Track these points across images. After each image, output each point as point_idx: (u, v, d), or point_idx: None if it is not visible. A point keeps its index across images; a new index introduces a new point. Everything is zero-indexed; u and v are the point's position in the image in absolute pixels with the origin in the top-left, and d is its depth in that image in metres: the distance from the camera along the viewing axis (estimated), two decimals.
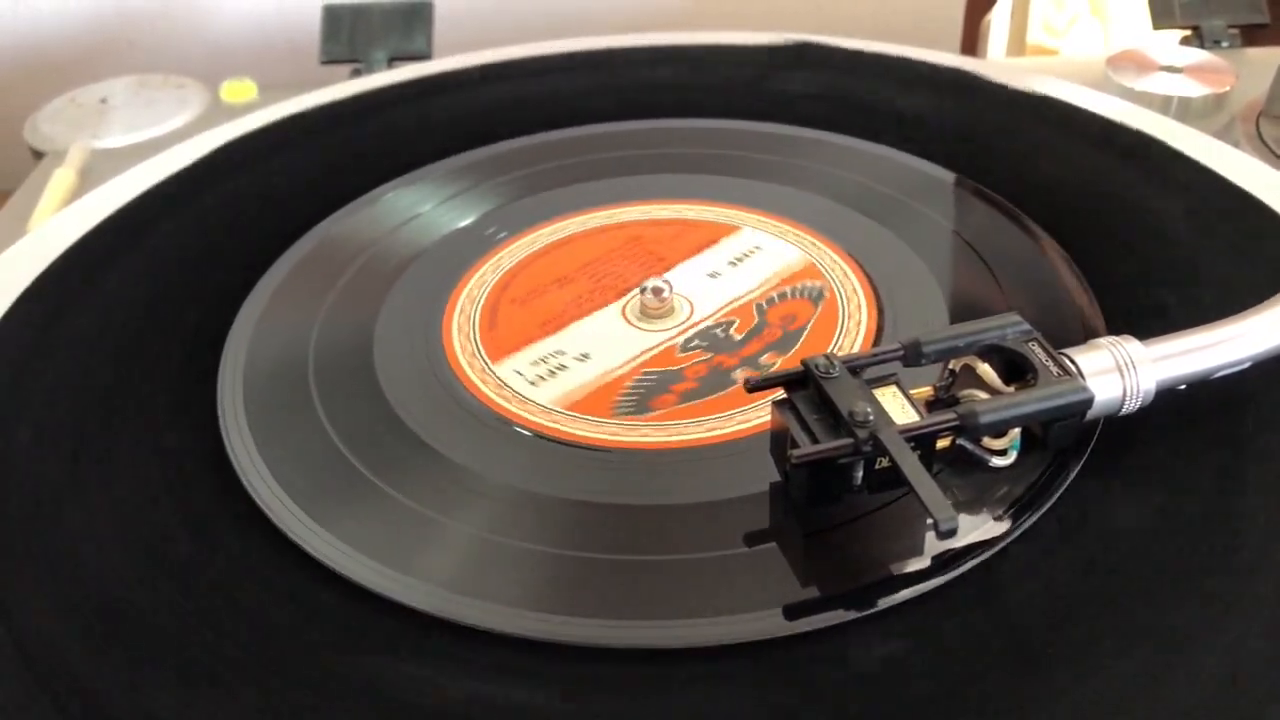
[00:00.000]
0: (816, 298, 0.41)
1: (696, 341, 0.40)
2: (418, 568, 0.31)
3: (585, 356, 0.40)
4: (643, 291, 0.42)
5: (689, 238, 0.46)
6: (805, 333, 0.40)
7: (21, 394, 0.38)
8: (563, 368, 0.39)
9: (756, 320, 0.41)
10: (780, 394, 0.32)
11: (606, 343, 0.40)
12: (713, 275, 0.43)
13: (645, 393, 0.38)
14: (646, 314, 0.41)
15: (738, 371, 0.38)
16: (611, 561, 0.31)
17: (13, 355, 0.40)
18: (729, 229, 0.46)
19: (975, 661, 0.28)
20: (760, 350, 0.39)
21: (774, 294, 0.42)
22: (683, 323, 0.41)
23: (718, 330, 0.41)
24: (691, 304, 0.42)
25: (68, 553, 0.32)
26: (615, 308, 0.42)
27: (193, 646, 0.29)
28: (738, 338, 0.40)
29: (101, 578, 0.31)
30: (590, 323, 0.42)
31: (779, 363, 0.38)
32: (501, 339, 0.41)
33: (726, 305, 0.42)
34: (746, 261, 0.44)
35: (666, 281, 0.42)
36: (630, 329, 0.41)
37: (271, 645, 0.29)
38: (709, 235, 0.46)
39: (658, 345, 0.40)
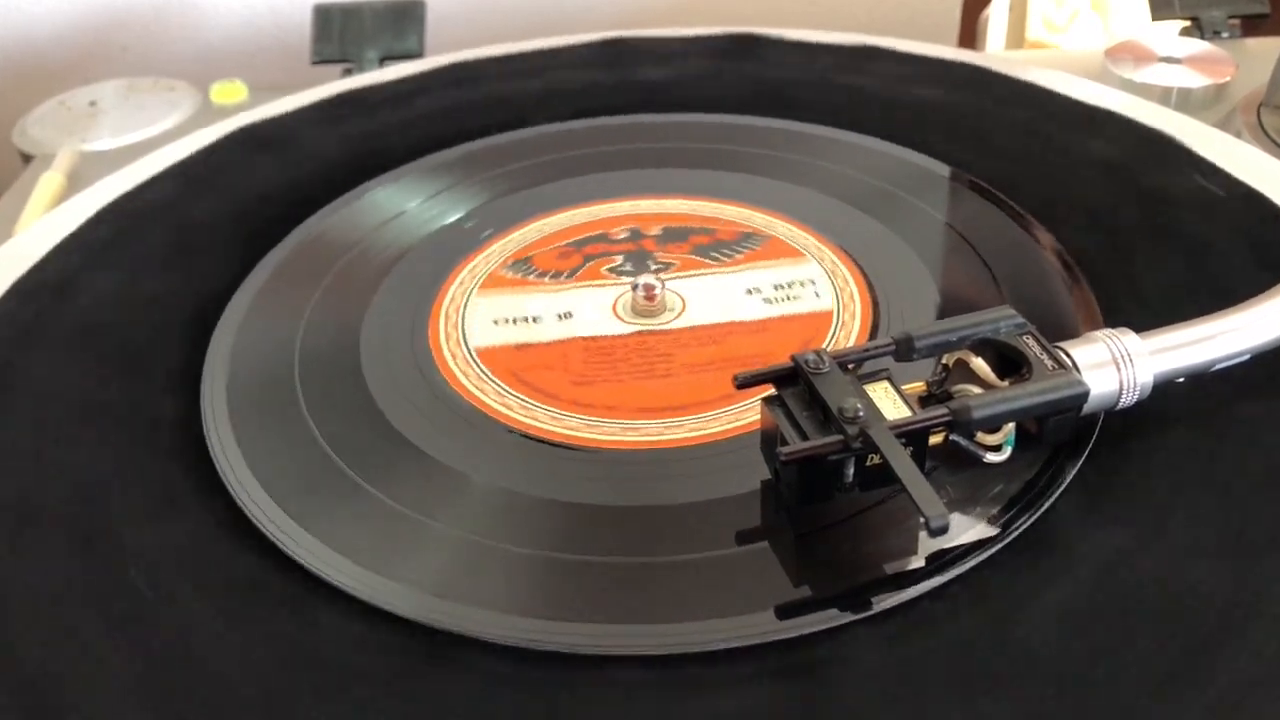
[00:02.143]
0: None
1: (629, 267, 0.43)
2: (404, 572, 0.31)
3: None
4: (635, 289, 0.41)
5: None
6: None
7: (4, 397, 0.38)
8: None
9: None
10: (771, 391, 0.31)
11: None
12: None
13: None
14: (636, 310, 0.41)
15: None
16: (599, 564, 0.31)
17: None
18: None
19: (971, 662, 0.27)
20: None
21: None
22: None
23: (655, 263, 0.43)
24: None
25: (47, 554, 0.32)
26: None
27: (176, 649, 0.28)
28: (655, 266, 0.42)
29: (79, 578, 0.31)
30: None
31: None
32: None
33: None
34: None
35: (659, 279, 0.41)
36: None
37: (256, 651, 0.28)
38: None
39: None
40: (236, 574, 0.31)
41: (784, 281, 0.42)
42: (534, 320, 0.41)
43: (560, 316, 0.41)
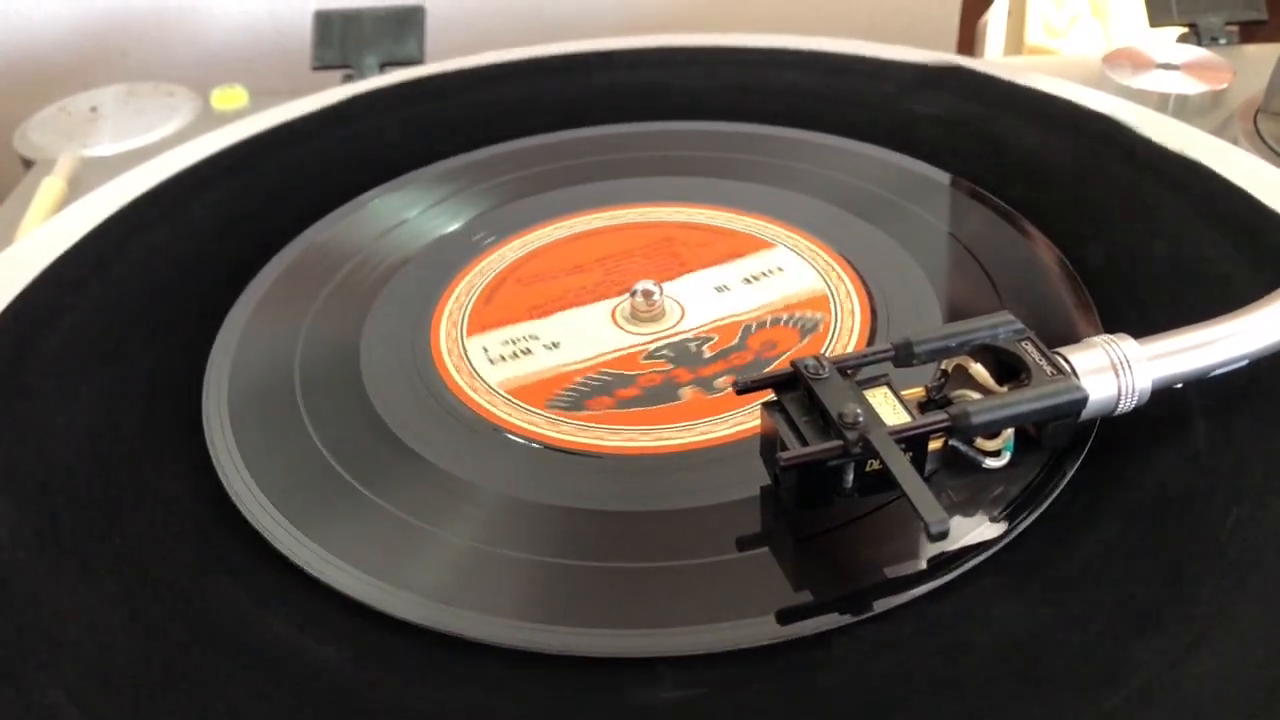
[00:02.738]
0: (808, 329, 0.40)
1: (665, 351, 0.40)
2: (406, 578, 0.31)
3: (555, 345, 0.40)
4: (633, 294, 0.41)
5: (718, 246, 0.45)
6: (775, 361, 0.39)
7: (6, 404, 0.38)
8: (527, 352, 0.40)
9: (736, 341, 0.40)
10: (771, 396, 0.31)
11: (582, 337, 0.40)
12: (720, 289, 0.42)
13: (588, 392, 0.38)
14: (636, 316, 0.41)
15: (687, 389, 0.37)
16: (601, 569, 0.31)
17: None
18: (762, 244, 0.45)
19: (970, 667, 0.27)
20: (722, 371, 0.38)
21: (768, 318, 0.41)
22: (668, 329, 0.41)
23: (691, 343, 0.40)
24: (683, 310, 0.41)
25: (49, 564, 0.32)
26: (608, 305, 0.42)
27: (177, 657, 0.29)
28: (707, 355, 0.39)
29: (78, 580, 0.31)
30: (577, 314, 0.42)
31: (727, 389, 0.37)
32: (490, 314, 0.41)
33: (717, 320, 0.41)
34: (763, 281, 0.43)
35: (657, 285, 0.41)
36: (612, 328, 0.41)
37: (258, 657, 0.29)
38: (738, 247, 0.45)
39: (628, 348, 0.40)
40: (238, 580, 0.31)
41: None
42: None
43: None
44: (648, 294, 0.41)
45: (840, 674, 0.27)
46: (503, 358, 0.39)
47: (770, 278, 0.43)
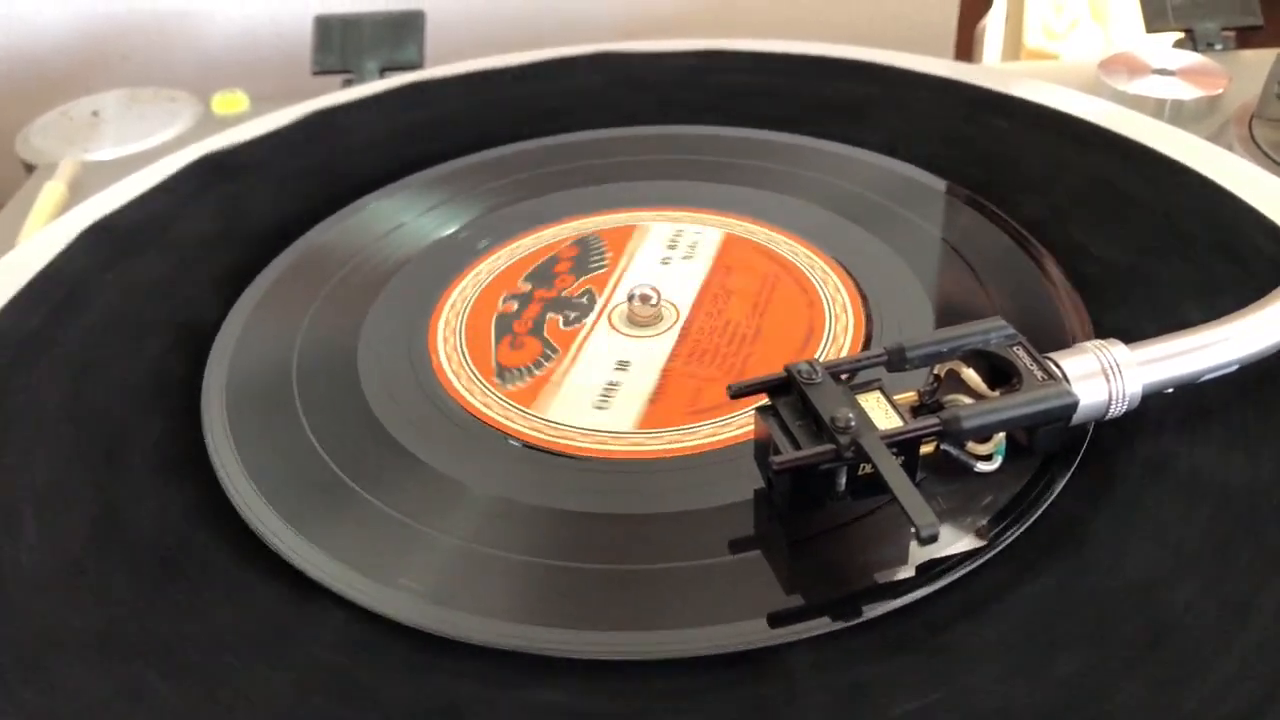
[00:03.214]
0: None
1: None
2: (403, 579, 0.31)
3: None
4: (630, 299, 0.41)
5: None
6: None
7: (7, 405, 0.38)
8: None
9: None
10: (764, 400, 0.32)
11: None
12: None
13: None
14: (633, 320, 0.41)
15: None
16: (594, 571, 0.31)
17: None
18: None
19: (960, 672, 0.27)
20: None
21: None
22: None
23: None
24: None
25: (49, 558, 0.32)
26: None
27: (172, 655, 0.29)
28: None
29: (75, 579, 0.31)
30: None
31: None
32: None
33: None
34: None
35: (654, 290, 0.42)
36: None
37: (253, 655, 0.29)
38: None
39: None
40: (234, 580, 0.31)
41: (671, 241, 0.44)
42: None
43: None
44: (645, 298, 0.41)
45: (831, 677, 0.28)
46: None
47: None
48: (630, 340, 0.41)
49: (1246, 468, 0.32)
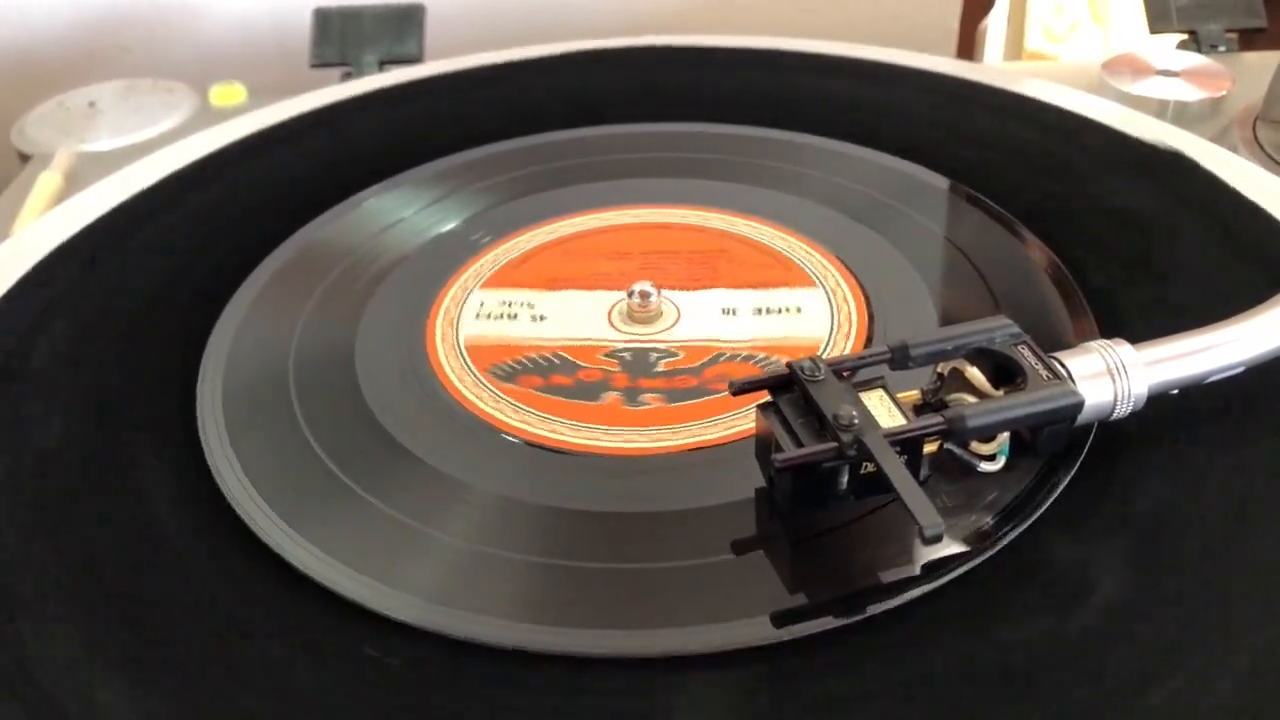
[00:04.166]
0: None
1: (625, 354, 0.39)
2: (402, 578, 0.31)
3: (541, 318, 0.41)
4: (630, 295, 0.41)
5: (756, 266, 0.44)
6: (719, 395, 0.37)
7: (1, 398, 0.38)
8: (513, 316, 0.41)
9: (695, 365, 0.39)
10: (767, 398, 0.31)
11: (570, 318, 0.41)
12: (728, 312, 0.42)
13: (529, 369, 0.38)
14: (631, 316, 0.41)
15: (611, 395, 0.37)
16: (596, 570, 0.31)
17: None
18: (803, 280, 0.43)
19: (963, 672, 0.27)
20: (659, 389, 0.37)
21: (744, 353, 0.40)
22: (655, 333, 0.40)
23: (654, 354, 0.39)
24: (679, 316, 0.41)
25: (40, 560, 0.32)
26: (610, 297, 0.42)
27: (171, 657, 0.28)
28: (658, 369, 0.39)
29: (70, 579, 0.31)
30: (580, 297, 0.42)
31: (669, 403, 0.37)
32: (510, 275, 0.43)
33: (701, 340, 0.40)
34: (773, 316, 0.41)
35: (655, 288, 0.41)
36: (604, 321, 0.41)
37: (252, 656, 0.28)
38: (775, 277, 0.43)
39: (598, 339, 0.40)
40: (231, 579, 0.31)
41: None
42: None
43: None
44: (644, 295, 0.41)
45: (833, 677, 0.27)
46: (490, 315, 0.40)
47: (784, 315, 0.41)
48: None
49: (1253, 471, 0.32)
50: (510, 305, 0.42)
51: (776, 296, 0.42)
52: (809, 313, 0.41)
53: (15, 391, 0.38)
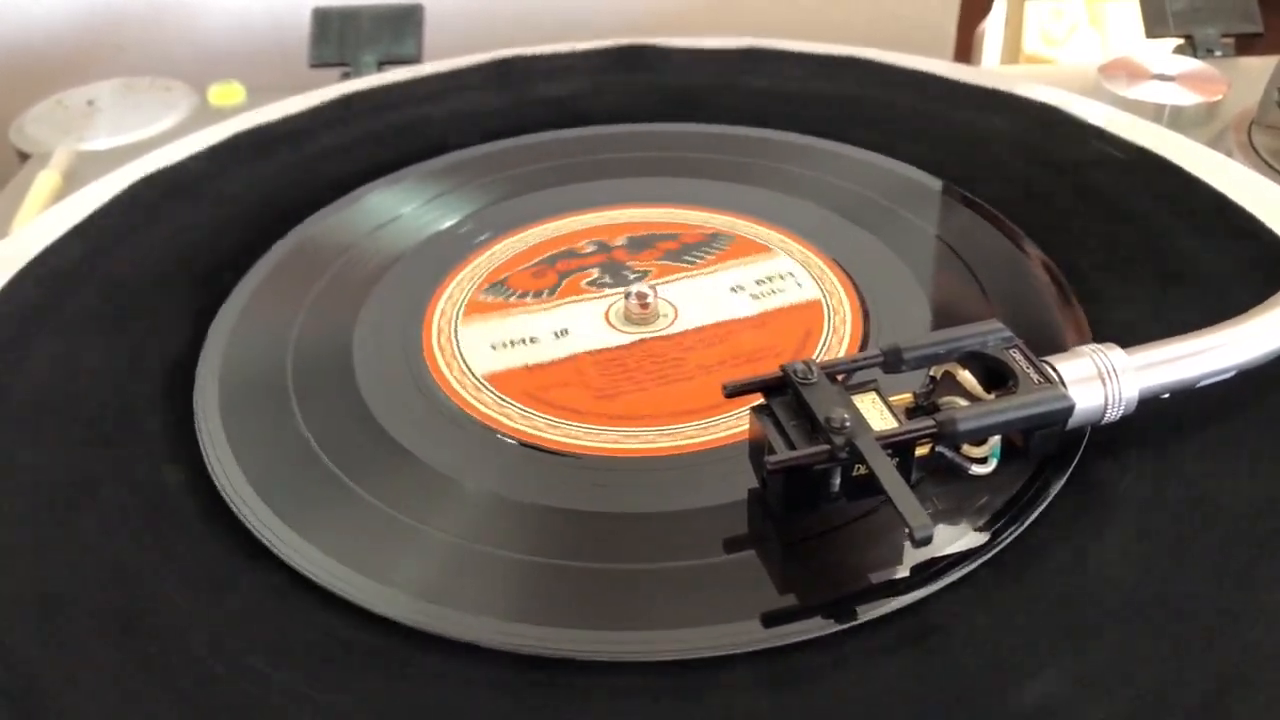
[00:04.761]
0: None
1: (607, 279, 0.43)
2: (396, 576, 0.31)
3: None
4: (627, 297, 0.41)
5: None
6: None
7: None
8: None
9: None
10: (760, 400, 0.31)
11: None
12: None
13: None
14: (629, 318, 0.41)
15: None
16: (587, 570, 0.31)
17: None
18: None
19: (954, 673, 0.27)
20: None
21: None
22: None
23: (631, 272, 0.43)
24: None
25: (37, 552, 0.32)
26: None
27: (166, 652, 0.29)
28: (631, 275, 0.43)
29: (68, 576, 0.31)
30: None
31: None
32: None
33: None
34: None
35: (652, 288, 0.41)
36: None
37: (245, 653, 0.29)
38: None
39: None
40: (226, 575, 0.31)
41: (764, 276, 0.43)
42: (532, 341, 0.40)
43: (557, 334, 0.40)
44: (641, 296, 0.41)
45: (822, 678, 0.27)
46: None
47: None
48: (605, 325, 0.41)
49: (1243, 476, 0.32)
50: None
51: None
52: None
53: (12, 387, 0.38)
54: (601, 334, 0.41)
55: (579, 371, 0.39)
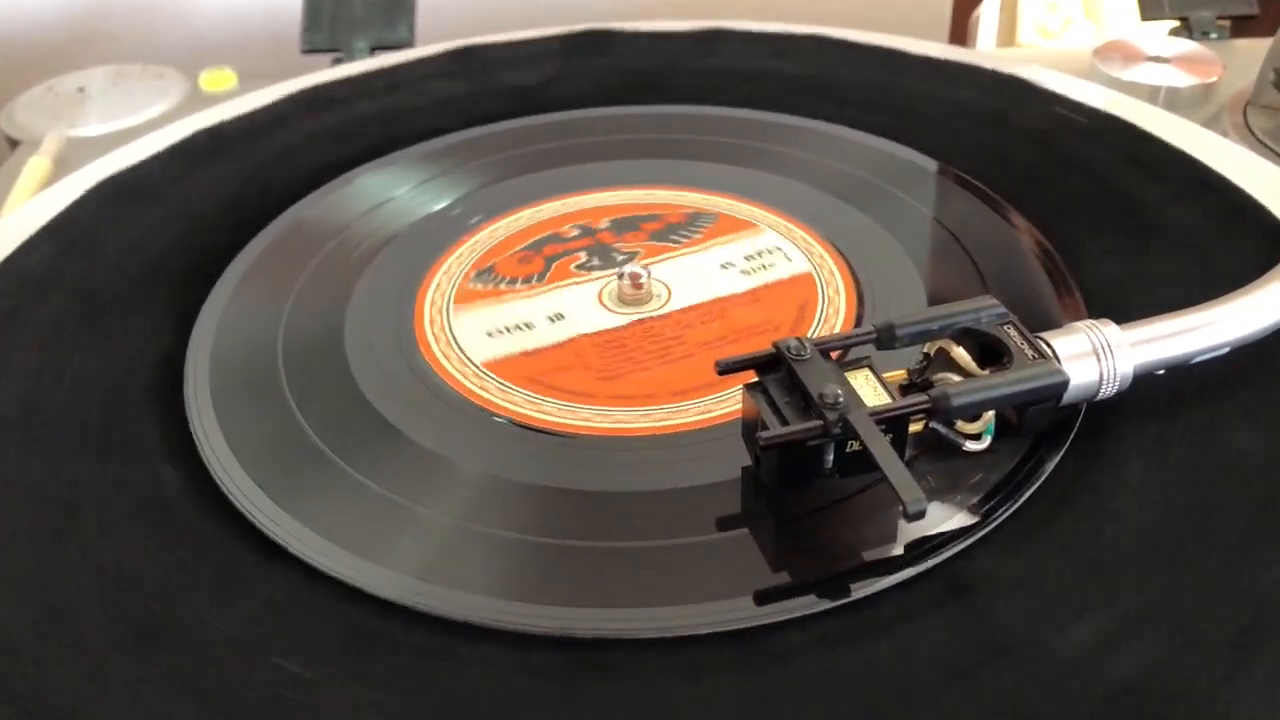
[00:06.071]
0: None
1: (595, 261, 0.43)
2: (389, 556, 0.31)
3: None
4: (620, 278, 0.41)
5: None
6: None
7: None
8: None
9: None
10: (753, 378, 0.31)
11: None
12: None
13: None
14: (623, 299, 0.41)
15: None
16: (581, 549, 0.31)
17: None
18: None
19: (949, 651, 0.27)
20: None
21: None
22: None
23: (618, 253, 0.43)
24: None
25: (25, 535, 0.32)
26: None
27: (157, 632, 0.29)
28: (620, 256, 0.43)
29: (59, 561, 0.31)
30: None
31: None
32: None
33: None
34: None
35: (645, 269, 0.41)
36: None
37: (237, 632, 0.28)
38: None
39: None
40: (218, 556, 0.31)
41: (752, 252, 0.43)
42: (528, 326, 0.40)
43: (552, 319, 0.40)
44: (635, 277, 0.41)
45: (818, 656, 0.27)
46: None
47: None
48: (599, 307, 0.41)
49: (1235, 449, 0.32)
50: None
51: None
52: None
53: (1, 372, 0.38)
54: (597, 316, 0.40)
55: (579, 354, 0.38)
